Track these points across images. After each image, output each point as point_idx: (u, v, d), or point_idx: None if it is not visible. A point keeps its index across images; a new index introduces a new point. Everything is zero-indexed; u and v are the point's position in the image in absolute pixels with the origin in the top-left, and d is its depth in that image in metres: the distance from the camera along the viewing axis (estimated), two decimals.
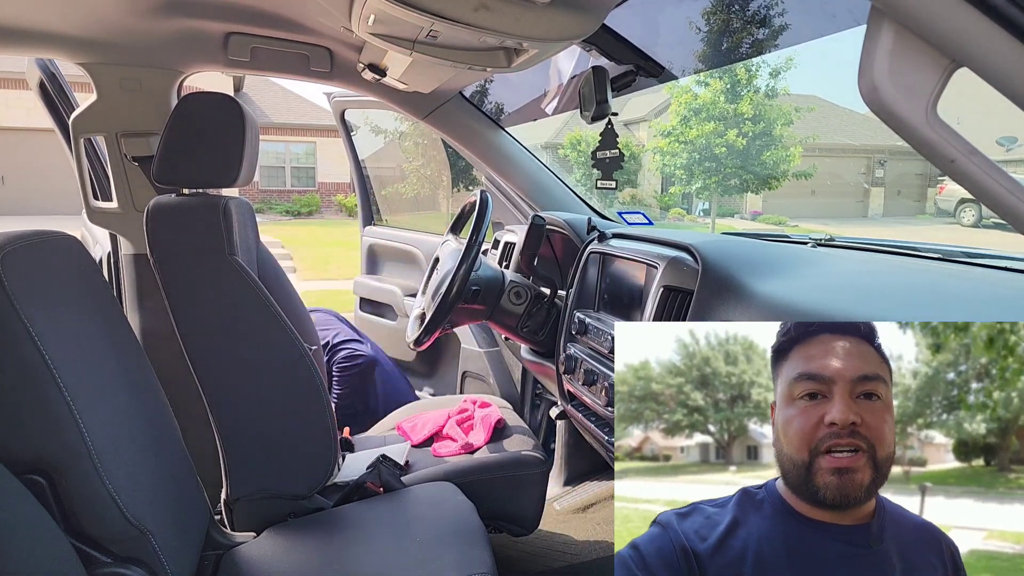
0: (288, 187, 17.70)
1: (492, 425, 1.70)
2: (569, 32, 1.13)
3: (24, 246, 0.96)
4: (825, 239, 1.59)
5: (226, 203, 1.27)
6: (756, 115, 13.17)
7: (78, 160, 1.83)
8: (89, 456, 0.92)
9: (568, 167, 15.55)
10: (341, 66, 1.93)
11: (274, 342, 1.30)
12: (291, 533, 1.31)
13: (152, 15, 1.58)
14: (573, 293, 1.56)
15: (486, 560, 1.19)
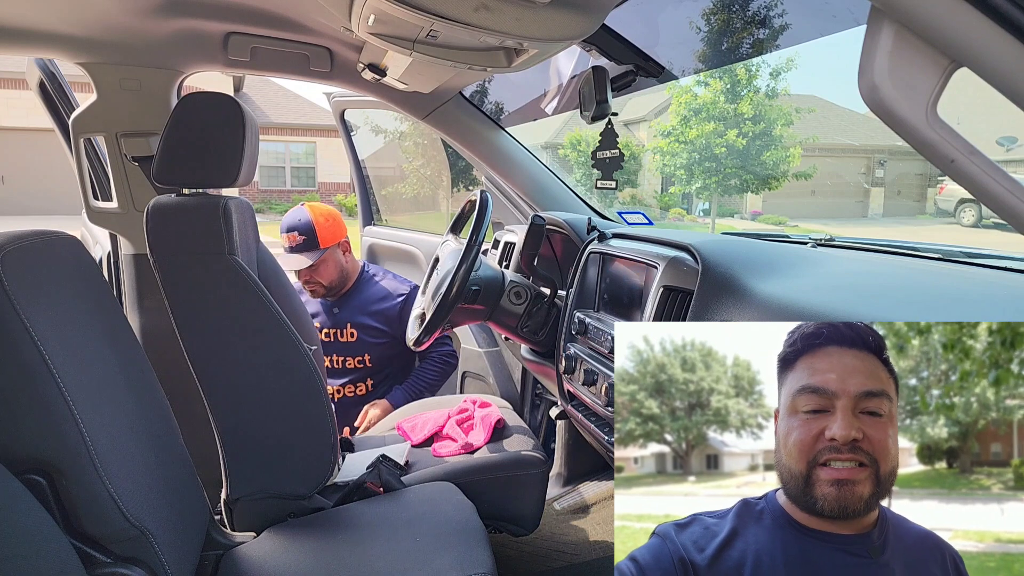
0: (288, 187, 17.71)
1: (492, 425, 1.70)
2: (569, 32, 1.13)
3: (24, 246, 0.96)
4: (825, 239, 1.59)
5: (226, 203, 1.27)
6: (756, 115, 13.18)
7: (78, 160, 1.84)
8: (89, 456, 0.92)
9: (568, 167, 15.55)
10: (341, 66, 1.93)
11: (274, 342, 1.30)
12: (291, 533, 1.31)
13: (152, 15, 1.58)
14: (573, 293, 1.56)
15: (486, 560, 1.19)
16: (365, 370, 2.22)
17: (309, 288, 2.20)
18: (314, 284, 2.18)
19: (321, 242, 2.12)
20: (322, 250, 2.12)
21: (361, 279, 2.29)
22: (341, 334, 2.22)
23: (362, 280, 2.29)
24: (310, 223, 2.11)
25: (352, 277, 2.28)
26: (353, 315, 2.22)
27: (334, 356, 2.23)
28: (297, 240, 2.11)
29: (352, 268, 2.28)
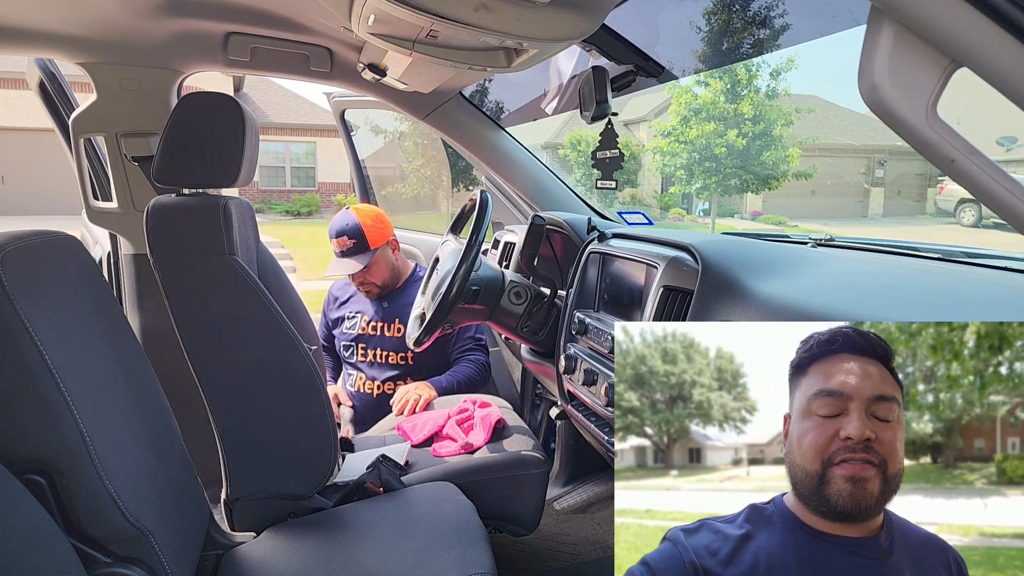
0: (288, 187, 17.70)
1: (492, 425, 1.70)
2: (569, 32, 1.13)
3: (24, 246, 0.96)
4: (825, 239, 1.59)
5: (226, 203, 1.27)
6: (756, 115, 13.18)
7: (78, 160, 1.84)
8: (89, 456, 0.92)
9: (568, 167, 15.56)
10: (341, 66, 1.93)
11: (274, 342, 1.30)
12: (291, 533, 1.31)
13: (152, 15, 1.58)
14: (573, 293, 1.56)
15: (486, 560, 1.19)
16: (406, 368, 2.22)
17: (364, 289, 2.21)
18: (368, 285, 2.19)
19: (371, 243, 2.12)
20: (372, 251, 2.12)
21: (412, 278, 2.30)
22: (388, 328, 2.22)
23: (413, 279, 2.30)
24: (358, 226, 2.11)
25: (403, 274, 2.29)
26: (402, 311, 2.21)
27: (378, 350, 2.22)
28: (347, 244, 2.11)
29: (403, 266, 2.29)
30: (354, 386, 2.24)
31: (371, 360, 2.23)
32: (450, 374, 2.14)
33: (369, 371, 2.22)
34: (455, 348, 2.22)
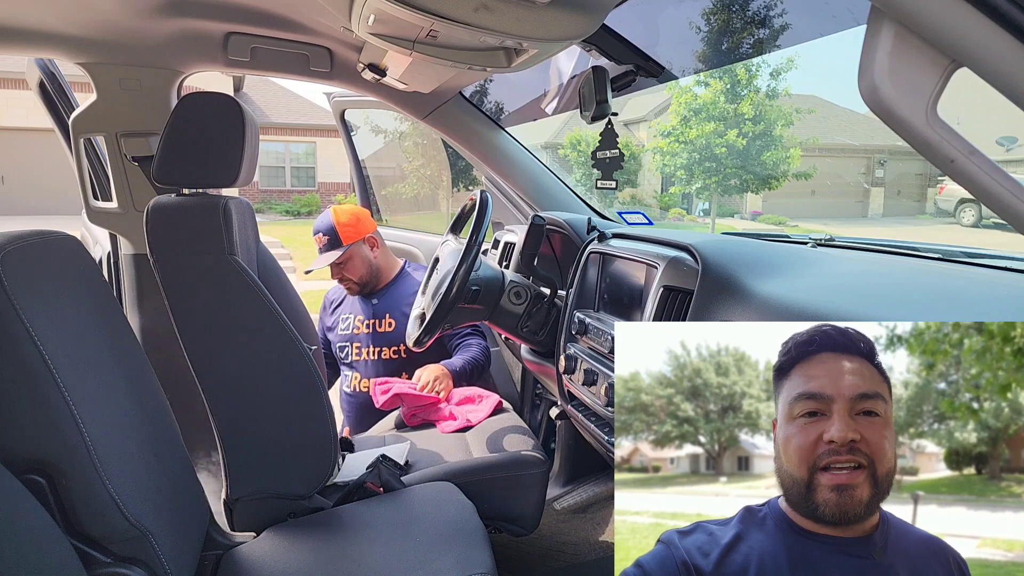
0: (288, 187, 17.70)
1: (493, 407, 1.77)
2: (569, 32, 1.13)
3: (24, 246, 0.96)
4: (825, 239, 1.58)
5: (226, 203, 1.27)
6: (756, 115, 13.17)
7: (78, 160, 1.84)
8: (89, 456, 0.92)
9: (568, 167, 15.55)
10: (341, 66, 1.93)
11: (274, 342, 1.30)
12: (291, 533, 1.31)
13: (152, 15, 1.58)
14: (573, 293, 1.56)
15: (486, 560, 1.19)
16: (400, 361, 2.23)
17: (345, 286, 2.27)
18: (347, 282, 2.24)
19: (343, 240, 2.18)
20: (345, 247, 2.18)
21: (401, 275, 2.33)
22: (380, 323, 2.24)
23: (402, 275, 2.32)
24: (331, 224, 2.19)
25: (388, 273, 2.31)
26: (392, 307, 2.26)
27: (371, 347, 2.24)
28: (323, 241, 2.20)
29: (386, 264, 2.31)
30: (351, 387, 2.25)
31: (366, 358, 2.24)
32: (459, 357, 2.16)
33: (364, 369, 2.23)
34: (453, 337, 2.24)
